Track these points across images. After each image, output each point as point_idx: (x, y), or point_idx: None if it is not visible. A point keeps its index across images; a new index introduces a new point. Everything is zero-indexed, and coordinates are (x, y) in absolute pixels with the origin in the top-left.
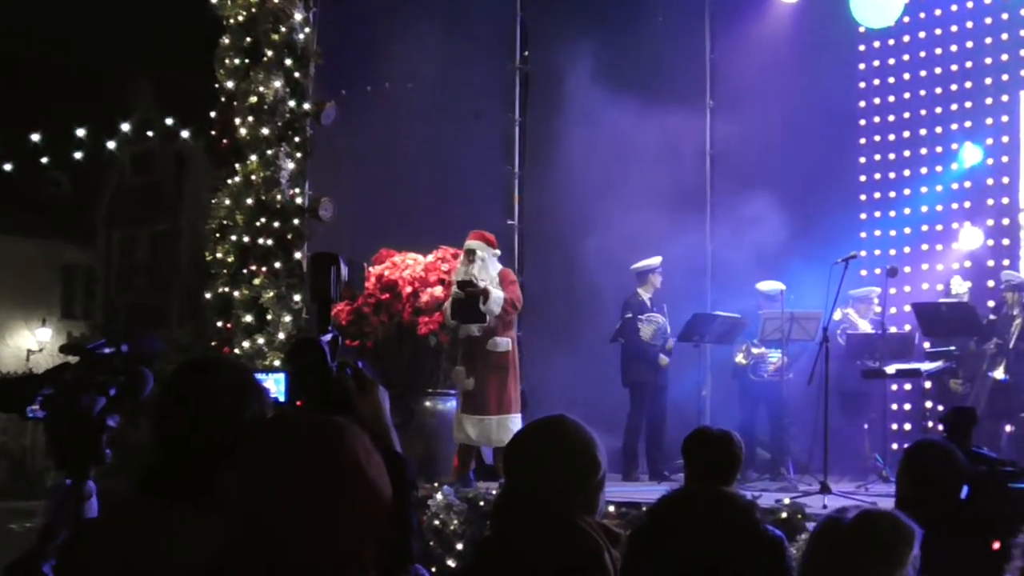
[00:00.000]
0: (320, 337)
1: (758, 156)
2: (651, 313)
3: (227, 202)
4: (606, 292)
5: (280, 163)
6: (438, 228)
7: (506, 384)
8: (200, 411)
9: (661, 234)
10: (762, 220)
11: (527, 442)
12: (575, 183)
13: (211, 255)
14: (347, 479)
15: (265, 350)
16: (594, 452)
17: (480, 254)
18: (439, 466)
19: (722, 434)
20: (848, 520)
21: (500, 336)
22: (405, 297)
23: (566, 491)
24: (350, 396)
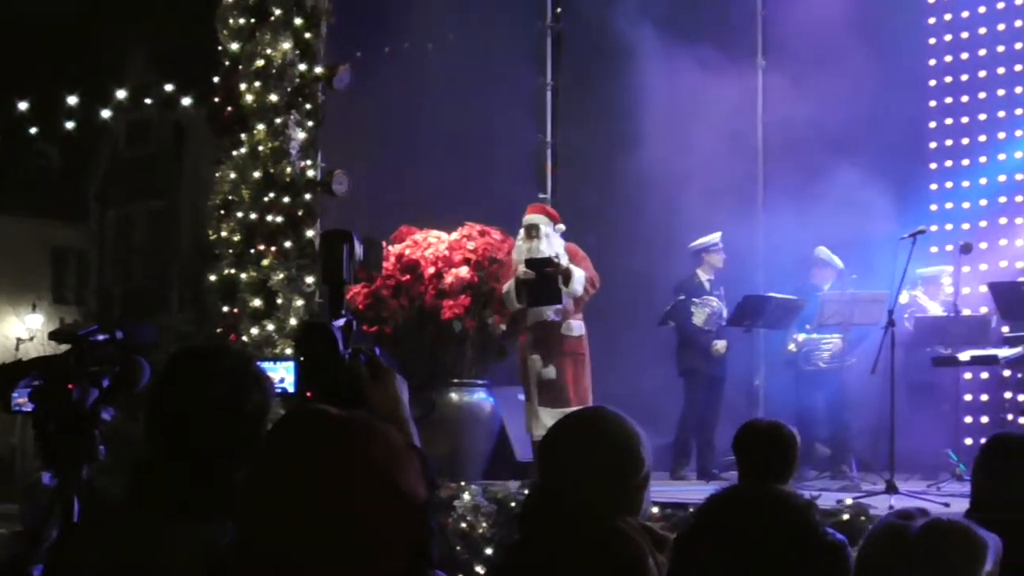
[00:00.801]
0: (332, 322)
1: (815, 120)
2: (707, 296)
3: (232, 176)
4: (649, 273)
5: (289, 132)
6: (463, 203)
7: (583, 372)
8: (195, 404)
9: (710, 210)
10: (820, 192)
11: (562, 437)
12: (613, 153)
13: (214, 234)
14: (369, 482)
15: (275, 337)
16: (637, 447)
17: (544, 229)
18: (465, 464)
19: (771, 426)
20: (916, 530)
21: (573, 319)
22: (427, 279)
23: (606, 490)
24: (363, 386)
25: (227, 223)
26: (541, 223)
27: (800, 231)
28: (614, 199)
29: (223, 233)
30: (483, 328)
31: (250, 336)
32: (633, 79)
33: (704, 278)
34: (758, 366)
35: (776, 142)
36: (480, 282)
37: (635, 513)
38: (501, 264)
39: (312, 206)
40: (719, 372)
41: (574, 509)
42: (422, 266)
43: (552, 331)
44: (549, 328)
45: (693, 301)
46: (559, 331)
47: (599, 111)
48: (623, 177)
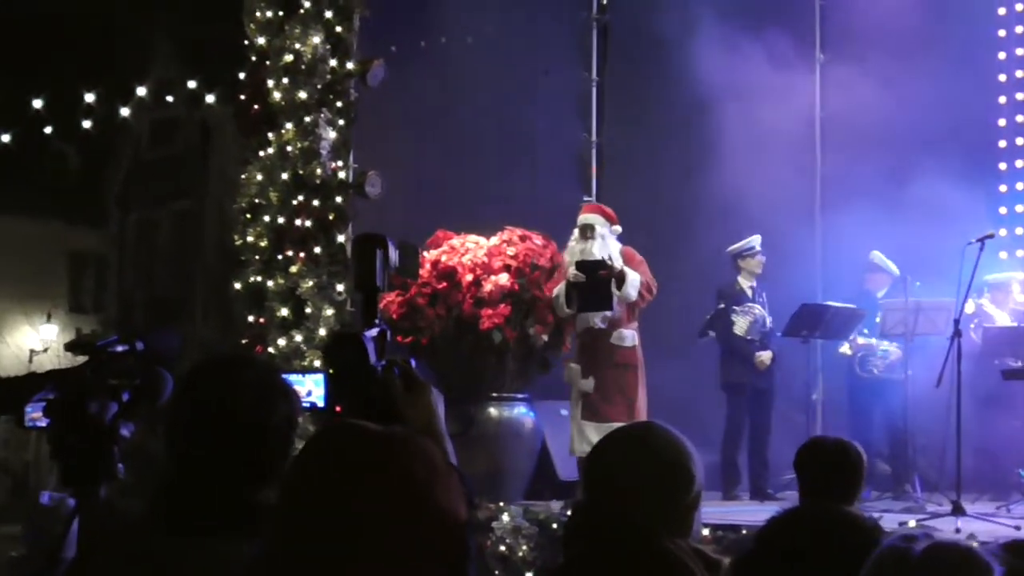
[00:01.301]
0: (364, 331)
1: (875, 118)
2: (749, 304)
3: (259, 177)
4: (699, 279)
5: (320, 132)
6: (503, 206)
7: (636, 384)
8: (218, 417)
9: (764, 212)
10: (881, 193)
11: (609, 453)
12: (661, 153)
13: (241, 239)
14: (409, 501)
15: (303, 348)
16: (688, 465)
17: (599, 230)
18: (504, 483)
19: (837, 444)
20: (918, 553)
21: (626, 328)
22: (465, 286)
23: (655, 510)
24: (396, 400)
25: (254, 227)
26: (597, 223)
27: (860, 235)
28: (661, 201)
29: (249, 238)
30: (524, 339)
31: (277, 347)
32: (682, 74)
33: (746, 285)
34: (815, 379)
35: (835, 141)
36: (521, 290)
37: (685, 534)
38: (543, 271)
39: (344, 209)
40: (764, 384)
41: (621, 530)
42: (460, 273)
43: (600, 340)
44: (597, 336)
45: (734, 309)
46: (608, 340)
47: (647, 108)
48: (671, 178)
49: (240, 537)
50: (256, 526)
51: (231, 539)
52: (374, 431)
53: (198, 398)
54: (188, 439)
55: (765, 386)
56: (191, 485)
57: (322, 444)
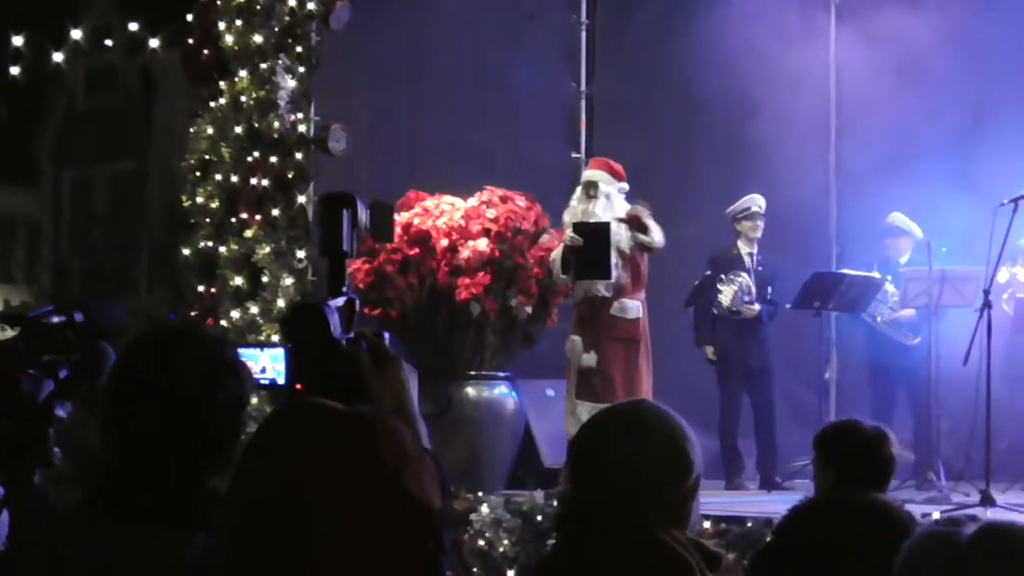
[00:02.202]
0: (330, 300)
1: (897, 66)
2: (739, 272)
3: (209, 131)
4: (703, 245)
5: (277, 80)
6: (482, 164)
7: (637, 362)
8: (159, 394)
9: (774, 173)
10: (902, 151)
11: (597, 436)
12: (659, 106)
13: (189, 200)
14: (376, 487)
15: (260, 321)
16: (685, 448)
17: (604, 188)
18: (484, 470)
19: (877, 433)
20: (967, 537)
21: (630, 298)
22: (440, 253)
23: (648, 499)
24: (364, 377)
25: (204, 187)
26: (601, 181)
27: (878, 197)
28: (661, 160)
29: (199, 199)
30: (506, 311)
31: (231, 320)
32: (683, 17)
33: (744, 251)
34: (828, 355)
35: (851, 94)
36: (502, 257)
37: (683, 526)
38: (527, 235)
39: (304, 167)
40: (757, 362)
41: (611, 520)
42: (434, 238)
43: (601, 310)
44: (598, 306)
45: (720, 278)
46: (608, 311)
47: (643, 55)
48: (672, 134)
49: (189, 527)
50: (206, 515)
51: (179, 529)
52: (336, 410)
53: (137, 375)
54: (126, 420)
55: (758, 365)
56: (132, 470)
57: (278, 424)
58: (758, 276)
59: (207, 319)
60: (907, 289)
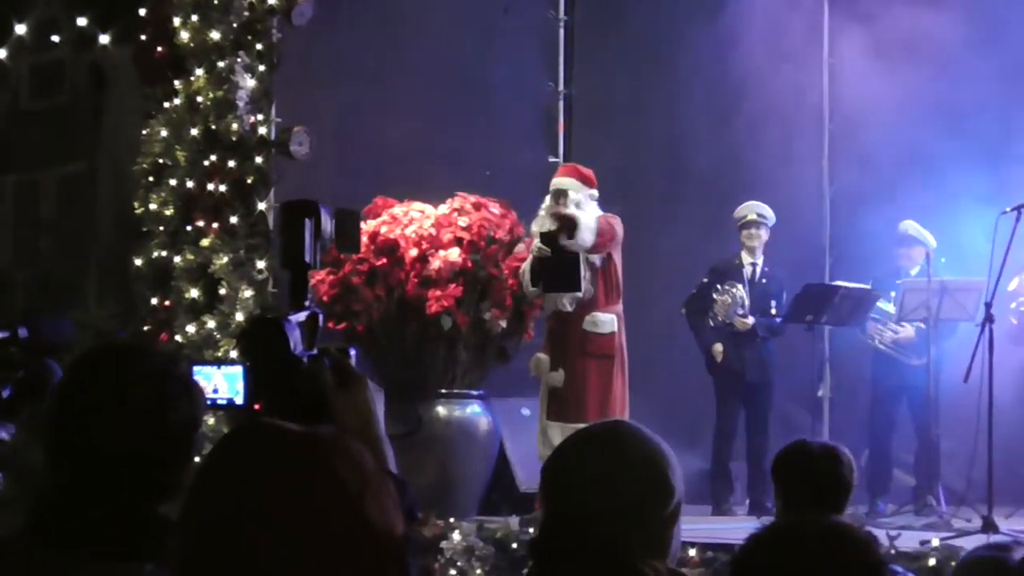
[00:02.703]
0: (291, 315)
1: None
2: (734, 283)
3: (163, 133)
4: (690, 254)
5: (236, 79)
6: (454, 169)
7: (611, 379)
8: (105, 414)
9: (764, 178)
10: (900, 157)
11: (571, 459)
12: (643, 107)
13: (142, 207)
14: (335, 512)
15: (216, 336)
16: (664, 471)
17: (574, 196)
18: (456, 495)
19: (824, 450)
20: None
21: (602, 311)
22: (409, 263)
23: (625, 526)
24: (327, 396)
25: (158, 193)
26: (571, 188)
27: (875, 204)
28: (645, 163)
29: (152, 206)
30: (479, 325)
31: (185, 335)
32: (668, 14)
33: (747, 261)
34: (822, 372)
35: (845, 94)
36: (475, 267)
37: (662, 555)
38: (501, 244)
39: (265, 172)
40: (754, 377)
41: (586, 548)
42: (402, 247)
43: (571, 325)
44: (567, 321)
45: (716, 287)
46: (579, 326)
47: (626, 53)
48: (658, 137)
49: (138, 555)
50: (156, 543)
51: (127, 557)
52: (294, 431)
53: (83, 394)
54: (71, 443)
55: (756, 380)
56: (77, 495)
57: (233, 445)
58: (760, 289)
59: (160, 334)
60: (905, 301)
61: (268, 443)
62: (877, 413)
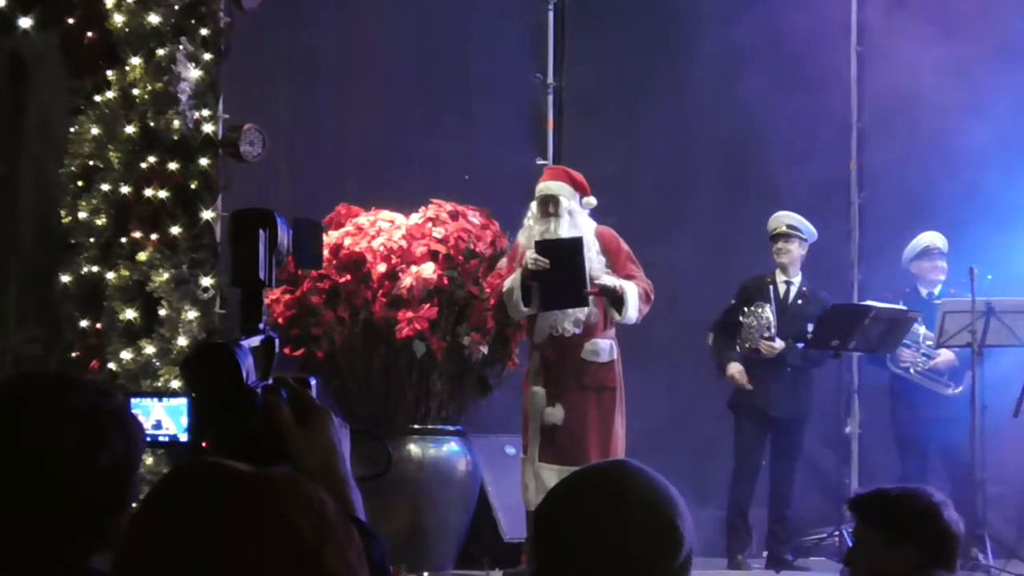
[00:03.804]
0: (242, 340)
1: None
2: (762, 304)
3: (94, 131)
4: (697, 269)
5: (178, 70)
6: (427, 173)
7: (612, 415)
8: (26, 459)
9: (782, 183)
10: (937, 162)
11: (565, 505)
12: (642, 101)
13: (69, 215)
14: (291, 565)
15: (156, 364)
16: (671, 519)
17: (566, 204)
18: (431, 545)
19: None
20: None
21: (602, 337)
22: (376, 280)
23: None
24: (285, 434)
25: (87, 200)
26: (562, 194)
27: (912, 211)
28: (645, 167)
29: (82, 214)
30: (456, 351)
31: (120, 363)
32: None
33: (780, 279)
34: (850, 406)
35: (876, 92)
36: (452, 285)
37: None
38: (482, 259)
39: (211, 176)
40: (783, 412)
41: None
42: (369, 262)
43: (568, 353)
44: (567, 348)
45: (744, 310)
46: (577, 355)
47: (623, 41)
48: (660, 137)
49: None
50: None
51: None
52: (244, 473)
53: (1, 432)
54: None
55: (783, 415)
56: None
57: (172, 489)
58: (794, 311)
59: (90, 362)
60: (945, 325)
61: (214, 485)
62: (904, 451)
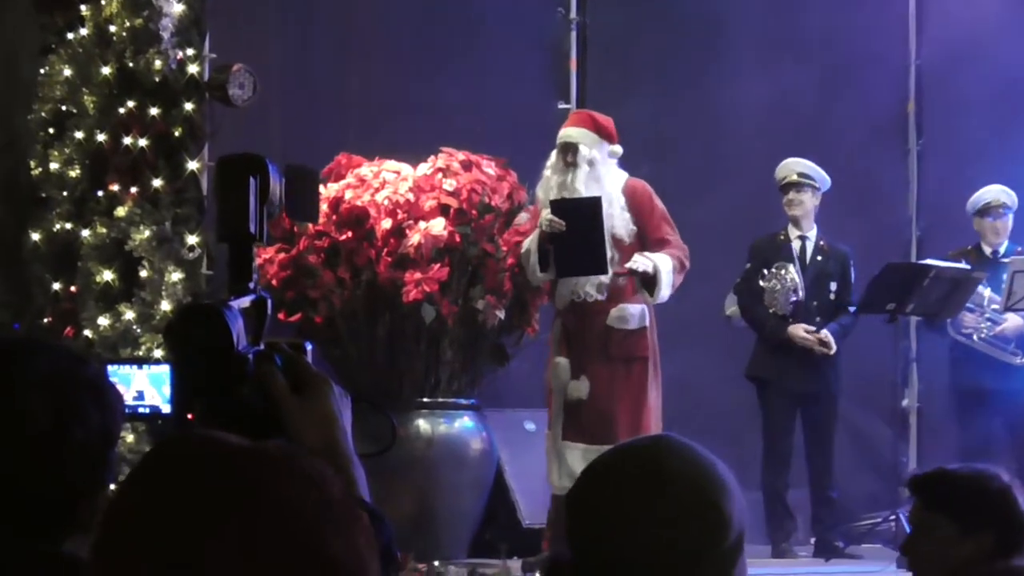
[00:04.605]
0: (231, 301)
1: None
2: (784, 265)
3: (66, 73)
4: (734, 226)
5: (159, 4)
6: (437, 119)
7: (644, 388)
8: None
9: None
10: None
11: (601, 488)
12: (678, 38)
13: (39, 167)
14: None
15: (137, 331)
16: (718, 500)
17: (586, 153)
18: (442, 530)
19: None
20: None
21: (631, 301)
22: (381, 238)
23: (671, 569)
24: (279, 406)
25: (60, 149)
26: (583, 141)
27: (973, 165)
28: (679, 113)
29: (53, 165)
30: (469, 316)
31: (97, 329)
32: None
33: (794, 235)
34: (907, 375)
35: (937, 26)
36: (464, 243)
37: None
38: (498, 214)
39: (196, 122)
40: (813, 387)
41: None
42: (372, 218)
43: (594, 320)
44: (590, 315)
45: (763, 273)
46: (603, 321)
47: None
48: (696, 78)
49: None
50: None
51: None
52: (237, 447)
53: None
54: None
55: (813, 389)
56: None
57: (157, 466)
58: (816, 268)
59: (64, 329)
60: (1014, 286)
61: (203, 462)
62: (965, 425)
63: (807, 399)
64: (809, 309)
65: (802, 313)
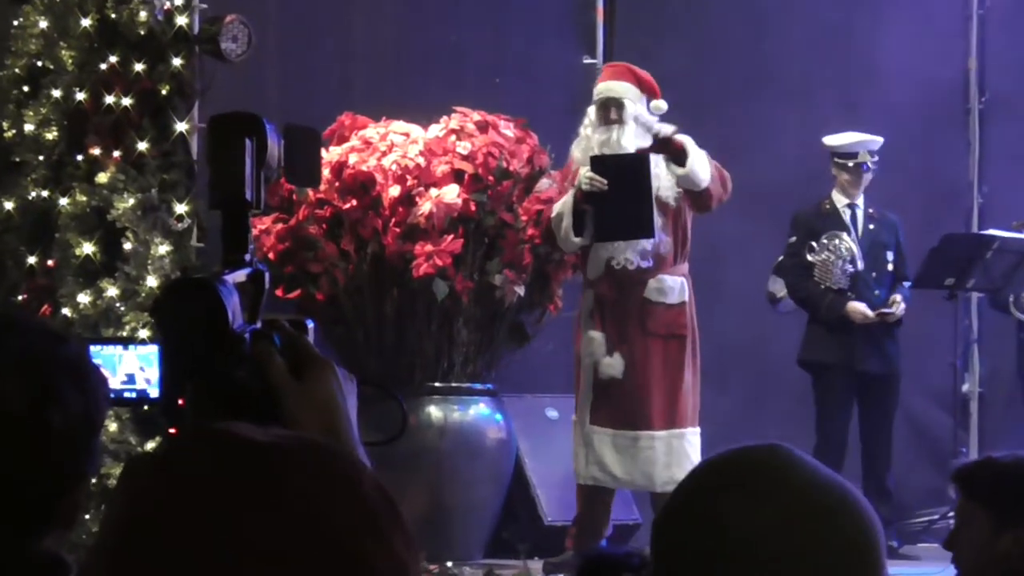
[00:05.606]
0: (223, 275)
1: None
2: (834, 233)
3: (42, 25)
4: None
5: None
6: (450, 75)
7: (681, 368)
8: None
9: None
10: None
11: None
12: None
13: (12, 129)
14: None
15: (120, 309)
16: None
17: (631, 108)
18: (456, 528)
19: None
20: None
21: (671, 273)
22: (388, 206)
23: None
24: (278, 389)
25: (35, 109)
26: (627, 96)
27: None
28: (715, 69)
29: (28, 126)
30: (486, 293)
31: (76, 307)
32: None
33: (841, 203)
34: (968, 357)
35: None
36: (480, 212)
37: None
38: (517, 180)
39: (186, 79)
40: (875, 366)
41: None
42: (379, 184)
43: (632, 292)
44: (628, 286)
45: (811, 246)
46: (640, 293)
47: None
48: (732, 32)
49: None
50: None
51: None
52: (255, 439)
53: None
54: None
55: (875, 369)
56: None
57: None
58: (870, 237)
59: (40, 306)
60: None
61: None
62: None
63: (870, 380)
64: (867, 281)
65: (860, 286)
